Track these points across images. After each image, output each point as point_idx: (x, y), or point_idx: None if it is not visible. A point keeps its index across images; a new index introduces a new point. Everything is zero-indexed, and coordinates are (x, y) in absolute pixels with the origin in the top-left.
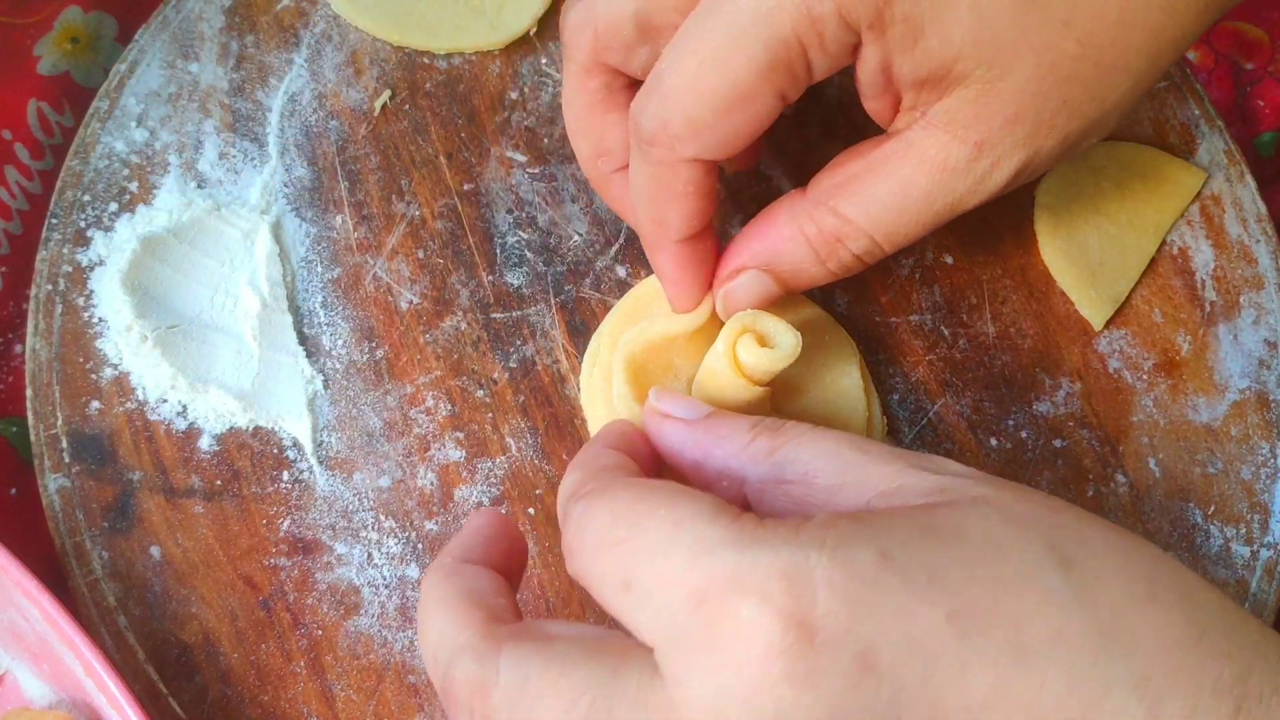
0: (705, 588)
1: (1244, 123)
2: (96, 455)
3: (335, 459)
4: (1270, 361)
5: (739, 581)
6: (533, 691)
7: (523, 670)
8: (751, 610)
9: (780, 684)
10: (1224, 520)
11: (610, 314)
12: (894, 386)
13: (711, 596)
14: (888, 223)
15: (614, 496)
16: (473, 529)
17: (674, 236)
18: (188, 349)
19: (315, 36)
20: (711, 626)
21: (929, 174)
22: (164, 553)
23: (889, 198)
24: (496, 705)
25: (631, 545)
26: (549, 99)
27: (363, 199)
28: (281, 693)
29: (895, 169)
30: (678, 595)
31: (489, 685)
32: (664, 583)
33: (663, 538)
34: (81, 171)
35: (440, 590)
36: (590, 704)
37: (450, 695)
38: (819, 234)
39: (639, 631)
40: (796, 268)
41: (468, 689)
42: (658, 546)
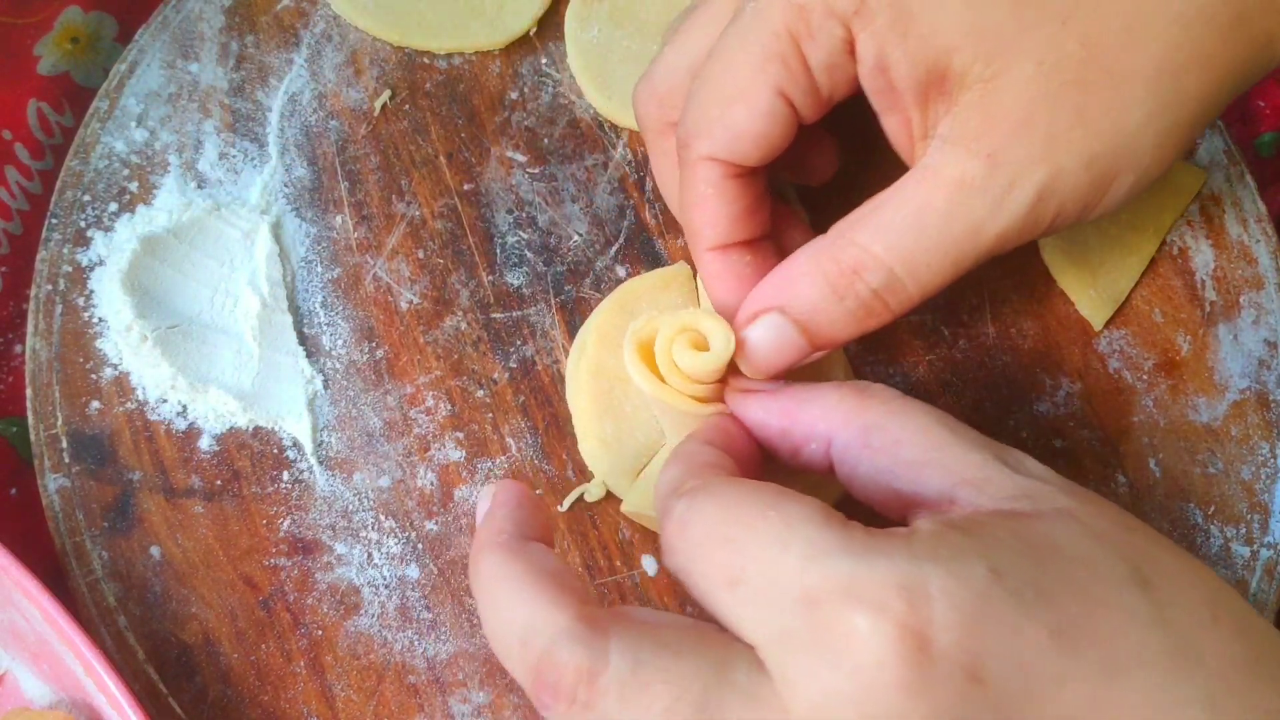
0: (818, 592)
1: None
2: (96, 455)
3: (335, 459)
4: (1270, 361)
5: (855, 589)
6: (643, 678)
7: (633, 656)
8: (867, 618)
9: (893, 691)
10: (1224, 520)
11: (597, 310)
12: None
13: (825, 601)
14: (905, 249)
15: (721, 494)
16: (512, 503)
17: (703, 244)
18: (188, 349)
19: (315, 36)
20: (824, 630)
21: (944, 193)
22: (164, 553)
23: (905, 220)
24: (604, 689)
25: (741, 544)
26: (549, 99)
27: (363, 199)
28: (281, 693)
29: (911, 193)
30: (788, 597)
31: (598, 670)
32: (774, 583)
33: (774, 539)
34: (81, 171)
35: (512, 570)
36: (702, 692)
37: (547, 680)
38: (836, 267)
39: (742, 628)
40: (814, 307)
41: (573, 674)
42: (768, 547)
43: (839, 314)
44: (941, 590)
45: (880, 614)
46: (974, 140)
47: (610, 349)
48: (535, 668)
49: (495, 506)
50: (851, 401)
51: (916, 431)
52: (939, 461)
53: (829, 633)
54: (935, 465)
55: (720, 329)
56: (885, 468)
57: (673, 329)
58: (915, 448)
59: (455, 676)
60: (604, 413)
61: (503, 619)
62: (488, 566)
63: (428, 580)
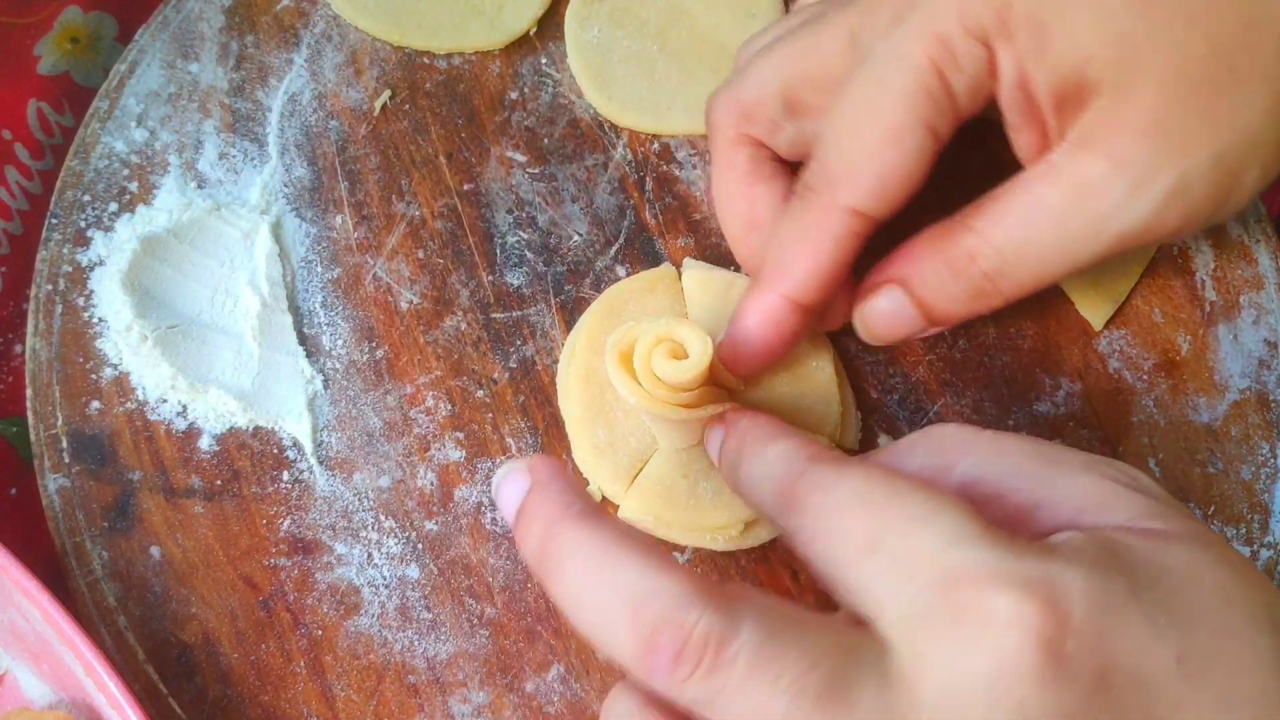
0: (960, 574)
1: None
2: (96, 455)
3: (335, 459)
4: (1270, 361)
5: (999, 575)
6: (776, 649)
7: (766, 627)
8: (1010, 604)
9: (1027, 679)
10: (1224, 520)
11: (585, 315)
12: (894, 386)
13: (966, 583)
14: (1018, 239)
15: (869, 471)
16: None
17: (785, 288)
18: (188, 349)
19: (315, 36)
20: (962, 610)
21: (1065, 191)
22: (164, 553)
23: (1021, 212)
24: (732, 657)
25: (887, 511)
26: (549, 99)
27: (363, 199)
28: (281, 693)
29: (1032, 186)
30: (928, 573)
31: (728, 638)
32: (915, 556)
33: (919, 515)
34: (81, 171)
35: (609, 537)
36: (832, 668)
37: (666, 645)
38: (954, 249)
39: (871, 595)
40: (931, 285)
41: (701, 638)
42: (914, 521)
43: (954, 293)
44: (1082, 594)
45: (1023, 599)
46: (1102, 144)
47: (599, 354)
48: (651, 633)
49: (546, 480)
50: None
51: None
52: (1049, 500)
53: (967, 613)
54: (1046, 505)
55: (697, 337)
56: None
57: (651, 339)
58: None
59: (455, 676)
60: (595, 419)
61: (606, 585)
62: (574, 538)
63: (428, 580)
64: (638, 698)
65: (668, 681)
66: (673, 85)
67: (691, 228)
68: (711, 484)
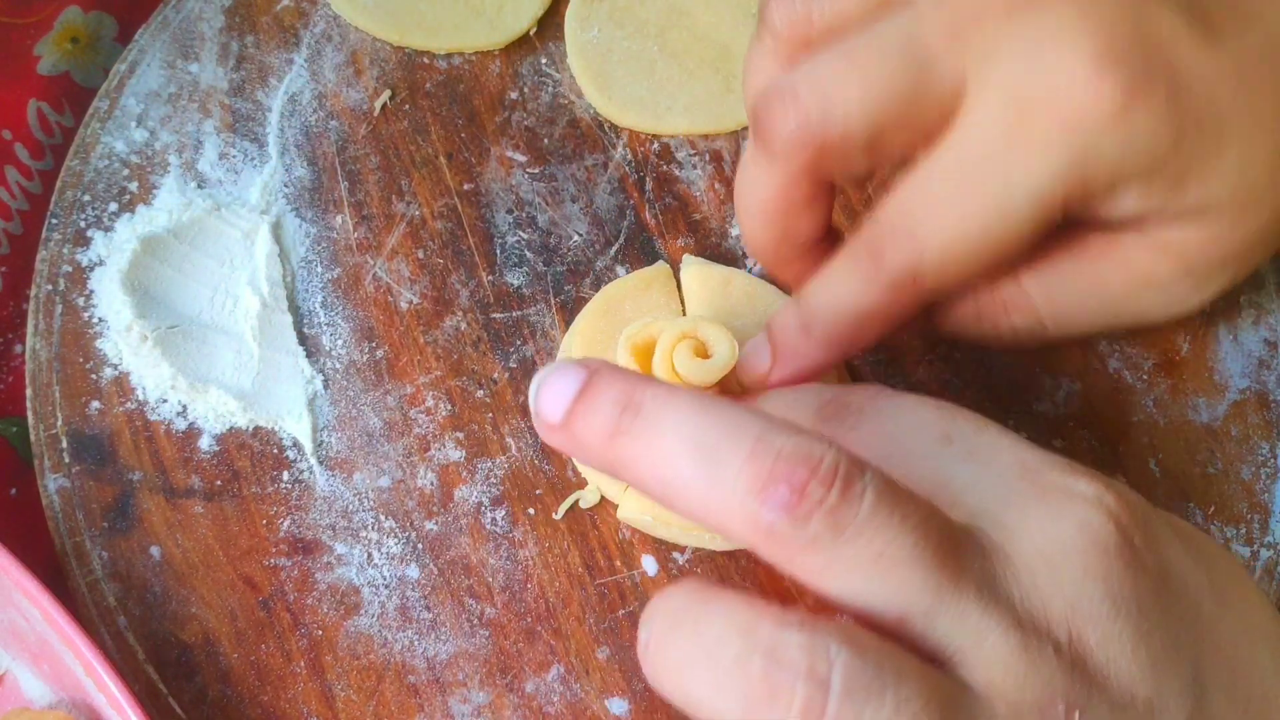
0: (1038, 465)
1: None
2: (96, 455)
3: (335, 459)
4: (1270, 361)
5: (1075, 469)
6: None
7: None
8: (1091, 486)
9: (1113, 554)
10: (1224, 520)
11: (580, 315)
12: (894, 386)
13: (1045, 472)
14: (1064, 308)
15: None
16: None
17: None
18: (188, 349)
19: (315, 36)
20: (1047, 490)
21: (1127, 279)
22: (164, 553)
23: (1075, 283)
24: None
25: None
26: (549, 99)
27: (363, 199)
28: (281, 693)
29: (1098, 265)
30: (1008, 461)
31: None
32: (994, 449)
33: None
34: (81, 171)
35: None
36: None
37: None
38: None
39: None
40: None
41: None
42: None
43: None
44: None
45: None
46: (1179, 255)
47: (596, 353)
48: (773, 465)
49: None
50: None
51: None
52: None
53: (1052, 492)
54: None
55: (724, 337)
56: None
57: (674, 336)
58: None
59: (455, 676)
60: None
61: (722, 424)
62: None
63: (428, 580)
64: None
65: (789, 516)
66: (673, 85)
67: (691, 228)
68: None
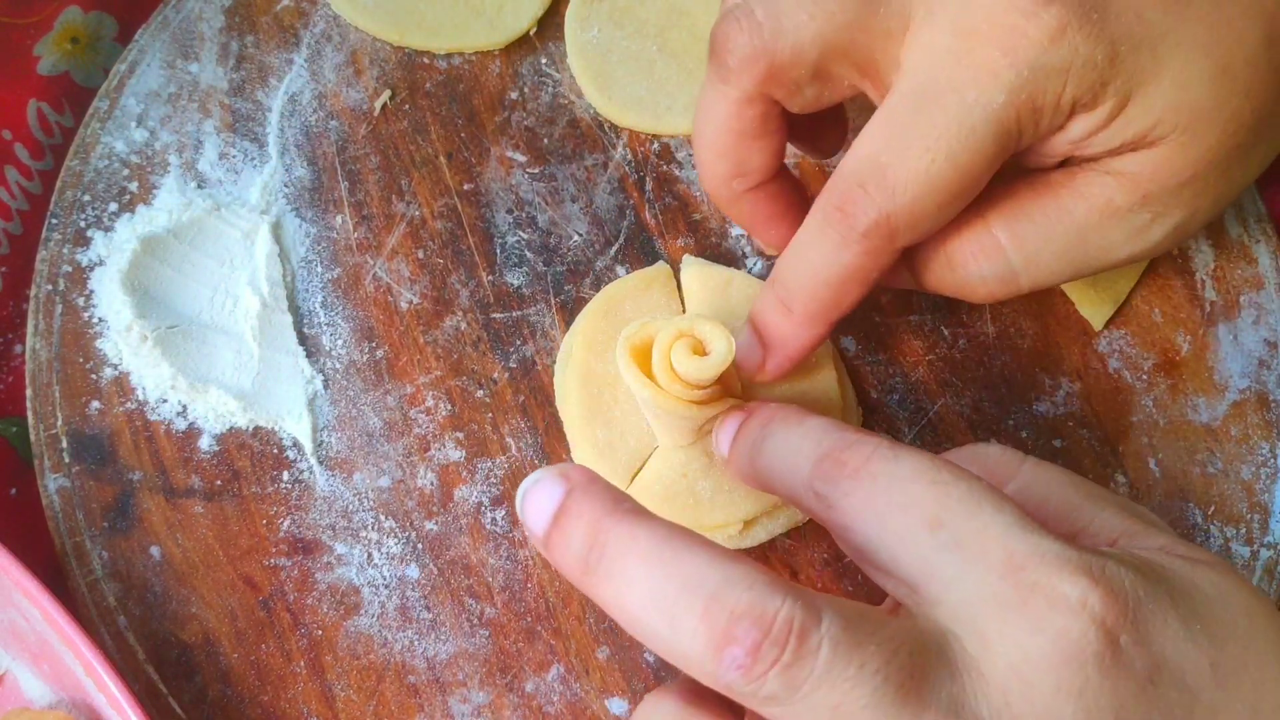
0: (1025, 559)
1: None
2: (96, 455)
3: (335, 459)
4: (1270, 361)
5: (1064, 561)
6: (858, 638)
7: (844, 616)
8: (1077, 588)
9: (1090, 664)
10: (1224, 520)
11: (581, 315)
12: (894, 386)
13: (1031, 568)
14: (1031, 249)
15: (913, 449)
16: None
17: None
18: (188, 349)
19: (315, 36)
20: (1030, 592)
21: (1088, 211)
22: (164, 553)
23: (1039, 221)
24: (814, 648)
25: (954, 492)
26: (549, 99)
27: (363, 199)
28: (281, 693)
29: (1061, 198)
30: (995, 555)
31: (810, 627)
32: (982, 538)
33: (982, 504)
34: (81, 171)
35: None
36: (910, 655)
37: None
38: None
39: (937, 575)
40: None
41: (783, 626)
42: (980, 504)
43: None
44: (1132, 591)
45: (1088, 587)
46: (1134, 181)
47: (597, 354)
48: (729, 624)
49: (584, 484)
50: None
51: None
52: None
53: (1035, 595)
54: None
55: (721, 334)
56: None
57: (671, 335)
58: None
59: (455, 676)
60: (594, 418)
61: (673, 577)
62: (630, 534)
63: (428, 580)
64: (679, 700)
65: (744, 676)
66: (673, 85)
67: (691, 228)
68: (710, 483)
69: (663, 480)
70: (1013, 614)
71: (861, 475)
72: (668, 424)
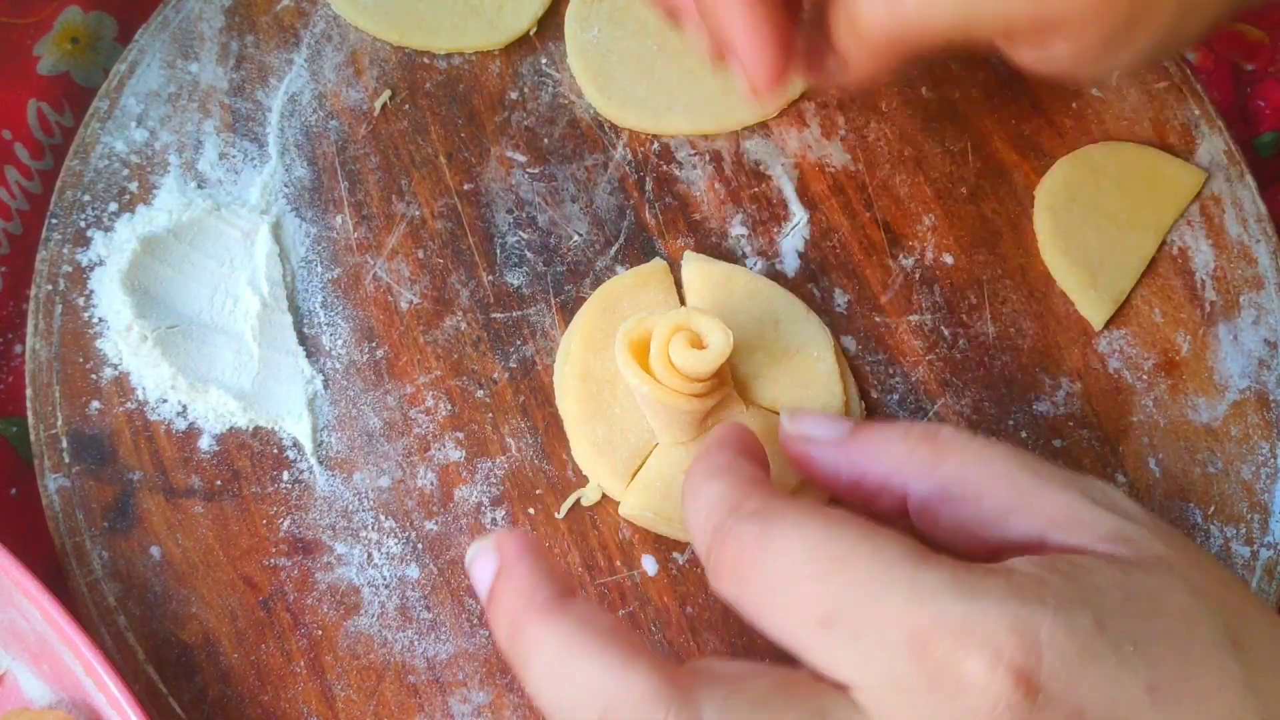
0: (928, 634)
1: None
2: (96, 455)
3: (335, 459)
4: (1270, 361)
5: (968, 631)
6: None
7: (730, 716)
8: (983, 661)
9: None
10: (1224, 520)
11: (579, 313)
12: (894, 386)
13: (935, 643)
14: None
15: (800, 523)
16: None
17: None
18: (188, 349)
19: (315, 36)
20: (936, 671)
21: None
22: (164, 553)
23: None
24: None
25: (838, 582)
26: (549, 99)
27: (363, 199)
28: (281, 693)
29: None
30: (894, 638)
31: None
32: (877, 624)
33: (873, 578)
34: (81, 171)
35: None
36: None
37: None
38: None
39: (836, 670)
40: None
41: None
42: (869, 586)
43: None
44: (1050, 636)
45: (996, 657)
46: None
47: (596, 351)
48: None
49: (511, 563)
50: (924, 453)
51: (999, 479)
52: (1025, 507)
53: (941, 674)
54: (1021, 511)
55: (717, 327)
56: (969, 517)
57: (668, 328)
58: (999, 496)
59: (455, 676)
60: (594, 416)
61: (574, 691)
62: (539, 635)
63: (428, 580)
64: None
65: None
66: (673, 85)
67: (691, 227)
68: None
69: (662, 477)
70: (920, 696)
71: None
72: (667, 420)
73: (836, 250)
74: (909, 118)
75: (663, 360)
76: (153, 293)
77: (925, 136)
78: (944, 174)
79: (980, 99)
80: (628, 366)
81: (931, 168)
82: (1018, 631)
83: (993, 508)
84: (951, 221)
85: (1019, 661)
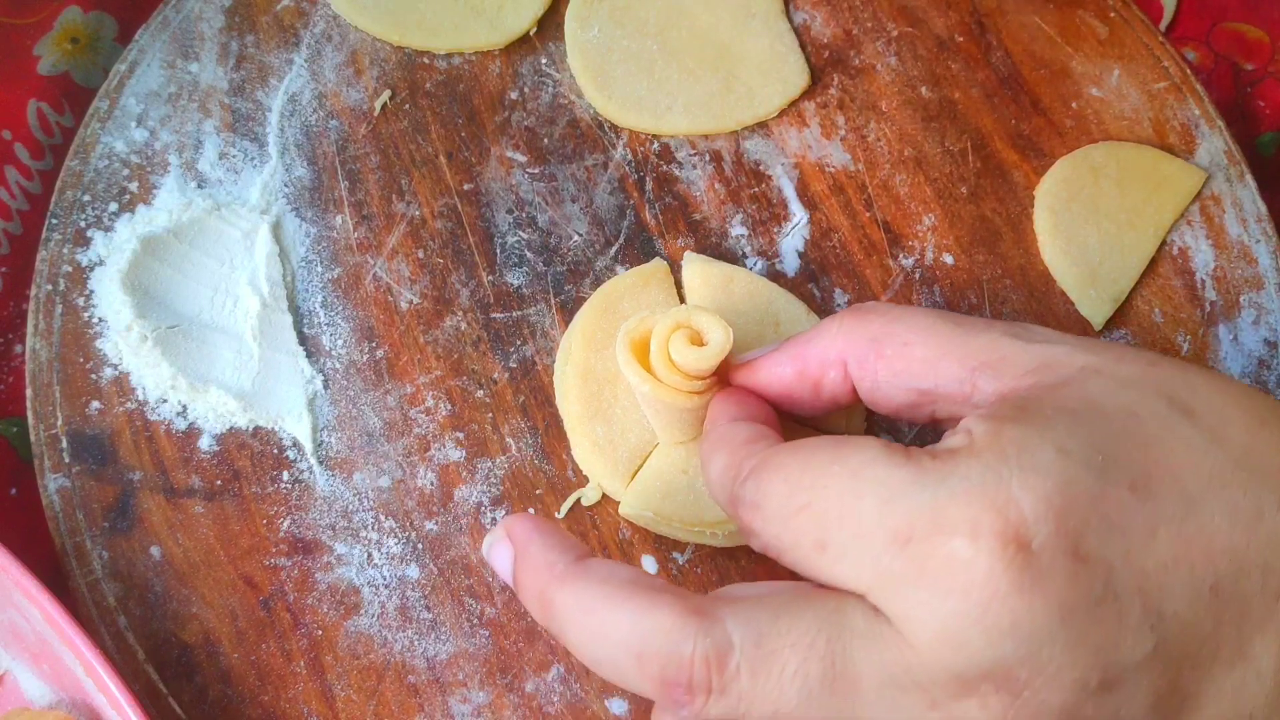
0: (908, 529)
1: (1244, 123)
2: (96, 455)
3: (335, 459)
4: (1270, 361)
5: (942, 518)
6: (769, 647)
7: (754, 630)
8: (965, 540)
9: (1011, 596)
10: None
11: (580, 313)
12: None
13: (917, 535)
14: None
15: (781, 465)
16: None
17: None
18: (188, 349)
19: (315, 36)
20: (925, 562)
21: None
22: (164, 553)
23: None
24: (735, 670)
25: (818, 507)
26: (549, 99)
27: (363, 199)
28: (281, 693)
29: None
30: (879, 540)
31: (725, 654)
32: (861, 533)
33: (846, 491)
34: (81, 171)
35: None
36: (827, 642)
37: (678, 682)
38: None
39: (844, 584)
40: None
41: (702, 665)
42: (844, 501)
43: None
44: (1022, 487)
45: (975, 533)
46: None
47: (596, 351)
48: (661, 675)
49: (524, 545)
50: (852, 321)
51: (922, 329)
52: (951, 351)
53: (930, 563)
54: (949, 355)
55: (718, 324)
56: (902, 370)
57: (668, 326)
58: (925, 344)
59: (455, 676)
60: (594, 416)
61: (609, 643)
62: (566, 602)
63: (428, 580)
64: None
65: (691, 711)
66: (673, 85)
67: (691, 228)
68: None
69: (662, 477)
70: (918, 587)
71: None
72: (667, 419)
73: (836, 250)
74: (909, 118)
75: (663, 357)
76: (153, 293)
77: (925, 136)
78: (944, 174)
79: (980, 99)
80: (629, 365)
81: (931, 168)
82: (988, 498)
83: (922, 356)
84: (951, 221)
85: (999, 527)
